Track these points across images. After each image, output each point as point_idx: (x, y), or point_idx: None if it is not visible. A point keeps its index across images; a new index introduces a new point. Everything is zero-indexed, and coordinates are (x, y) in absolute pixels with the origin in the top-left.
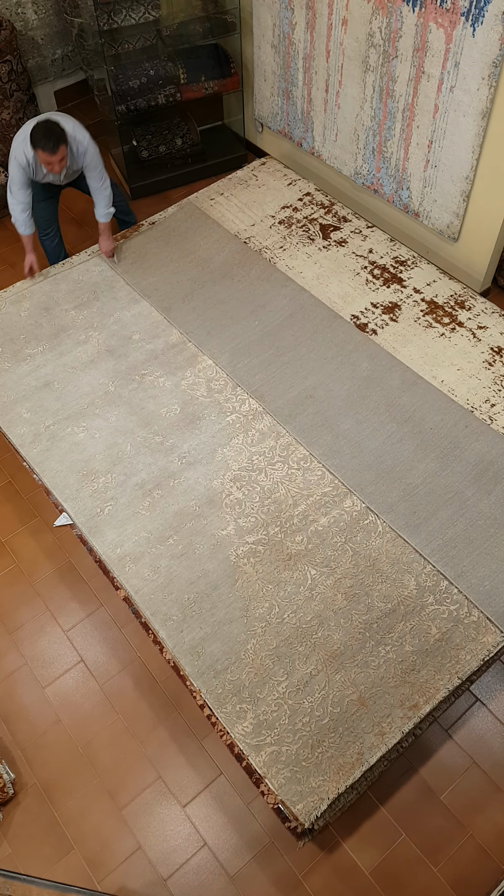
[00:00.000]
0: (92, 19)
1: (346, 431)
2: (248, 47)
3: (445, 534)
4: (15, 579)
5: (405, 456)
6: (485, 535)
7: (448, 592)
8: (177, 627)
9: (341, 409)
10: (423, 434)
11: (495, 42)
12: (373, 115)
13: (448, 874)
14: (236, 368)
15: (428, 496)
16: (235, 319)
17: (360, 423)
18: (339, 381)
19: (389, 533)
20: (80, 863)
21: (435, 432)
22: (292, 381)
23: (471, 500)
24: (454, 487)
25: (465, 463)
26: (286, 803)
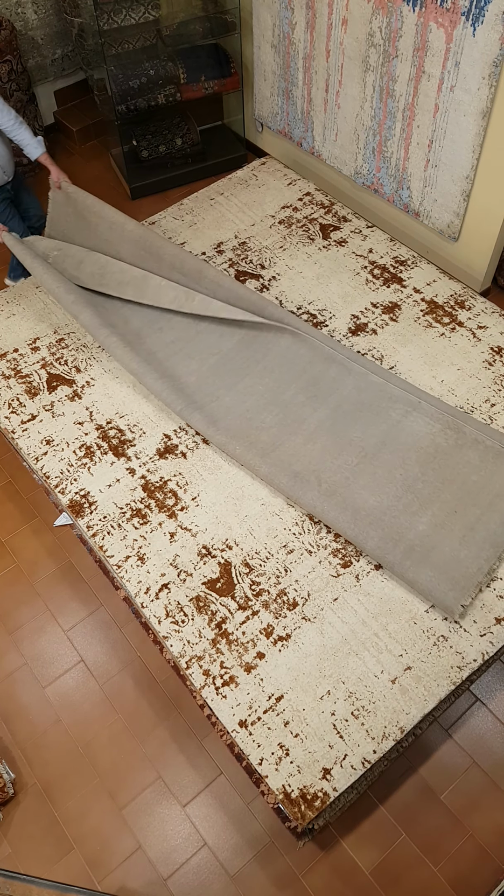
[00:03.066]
0: (92, 19)
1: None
2: (248, 47)
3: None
4: (15, 579)
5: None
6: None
7: None
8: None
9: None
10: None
11: (495, 42)
12: (373, 115)
13: (448, 874)
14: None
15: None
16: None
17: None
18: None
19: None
20: (80, 863)
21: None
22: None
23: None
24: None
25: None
26: (286, 803)
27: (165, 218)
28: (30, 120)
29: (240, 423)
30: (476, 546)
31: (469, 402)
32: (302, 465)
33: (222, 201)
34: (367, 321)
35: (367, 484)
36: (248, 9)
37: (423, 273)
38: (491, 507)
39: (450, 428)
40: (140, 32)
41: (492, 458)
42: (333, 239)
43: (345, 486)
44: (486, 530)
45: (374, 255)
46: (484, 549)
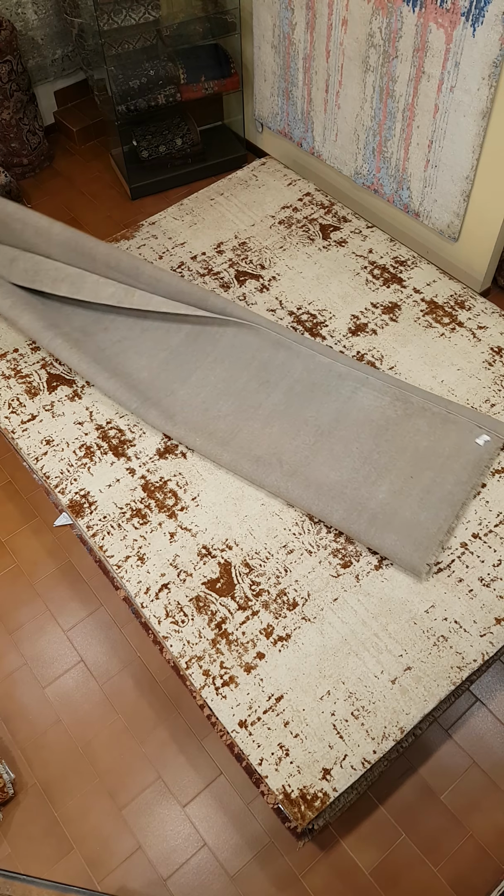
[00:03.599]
0: (92, 19)
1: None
2: (248, 47)
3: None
4: (15, 579)
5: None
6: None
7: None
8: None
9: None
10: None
11: (495, 42)
12: (373, 115)
13: (448, 874)
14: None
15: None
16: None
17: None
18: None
19: None
20: (80, 863)
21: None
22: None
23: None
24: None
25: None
26: (286, 803)
27: (165, 218)
28: (30, 120)
29: (197, 415)
30: (434, 507)
31: (469, 402)
32: (262, 449)
33: (222, 201)
34: (367, 321)
35: (326, 460)
36: (248, 9)
37: (423, 273)
38: (443, 469)
39: (398, 399)
40: (140, 32)
41: (439, 423)
42: (333, 239)
43: (305, 465)
44: (442, 491)
45: (374, 255)
46: (442, 510)
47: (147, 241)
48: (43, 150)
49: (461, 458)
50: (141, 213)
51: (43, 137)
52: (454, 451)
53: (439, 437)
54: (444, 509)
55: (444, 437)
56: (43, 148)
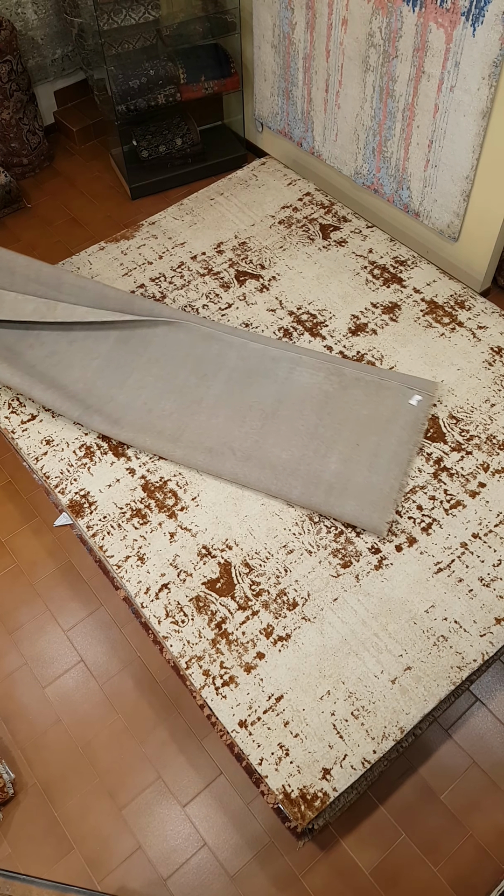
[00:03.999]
0: (92, 19)
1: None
2: (248, 47)
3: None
4: (15, 579)
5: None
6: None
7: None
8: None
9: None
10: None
11: (495, 42)
12: (373, 115)
13: (448, 874)
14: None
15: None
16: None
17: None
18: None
19: None
20: (80, 863)
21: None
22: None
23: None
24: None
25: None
26: (286, 803)
27: (165, 218)
28: (30, 120)
29: (141, 416)
30: (383, 469)
31: (469, 402)
32: (212, 440)
33: (222, 201)
34: (367, 321)
35: (275, 441)
36: (248, 9)
37: (423, 273)
38: (385, 432)
39: (332, 374)
40: (140, 32)
41: (374, 391)
42: (333, 239)
43: (257, 449)
44: (388, 453)
45: (374, 255)
46: (391, 470)
47: (147, 241)
48: (43, 150)
49: (399, 419)
50: (141, 213)
51: (43, 137)
52: (392, 415)
53: (376, 403)
54: (392, 469)
55: (381, 402)
56: (43, 148)
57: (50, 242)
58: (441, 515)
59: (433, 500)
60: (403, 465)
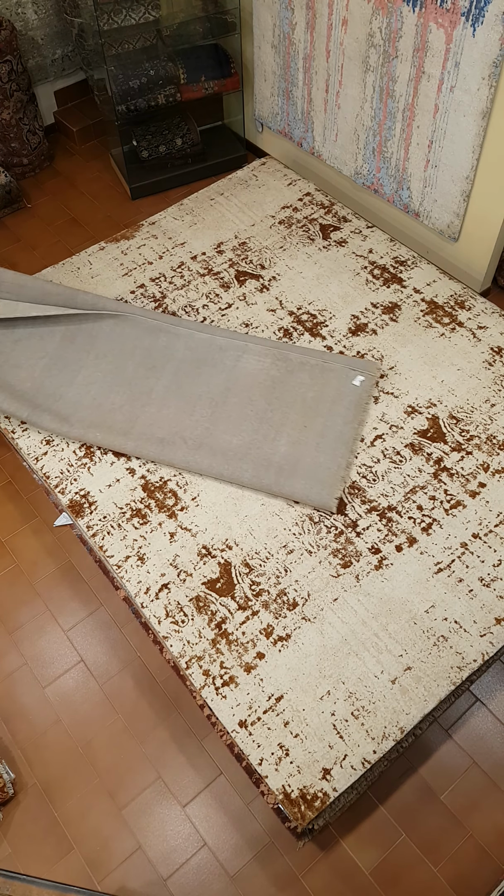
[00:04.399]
0: (92, 19)
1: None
2: (248, 47)
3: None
4: (15, 579)
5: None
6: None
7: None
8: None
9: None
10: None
11: (495, 42)
12: (373, 115)
13: (448, 874)
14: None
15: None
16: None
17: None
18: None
19: None
20: (80, 863)
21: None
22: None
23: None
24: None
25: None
26: (286, 803)
27: (165, 218)
28: (30, 120)
29: (91, 412)
30: (330, 448)
31: (469, 402)
32: (164, 430)
33: (222, 201)
34: (367, 321)
35: (226, 428)
36: (248, 9)
37: (423, 273)
38: (331, 413)
39: (278, 359)
40: (140, 32)
41: (319, 373)
42: (333, 239)
43: (208, 436)
44: (334, 432)
45: (374, 255)
46: (338, 449)
47: (147, 241)
48: (43, 150)
49: (344, 400)
50: (141, 213)
51: (43, 137)
52: (337, 396)
53: (321, 385)
54: (339, 448)
55: (326, 384)
56: (43, 148)
57: (50, 242)
58: (441, 515)
59: (433, 500)
60: (349, 444)
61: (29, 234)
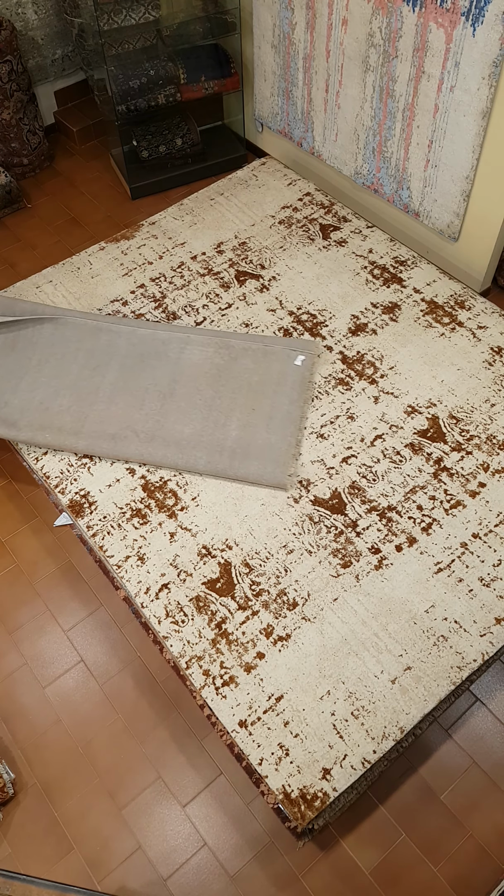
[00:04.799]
0: (92, 19)
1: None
2: (248, 47)
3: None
4: (15, 579)
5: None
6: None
7: None
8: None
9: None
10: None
11: (495, 42)
12: (373, 115)
13: (448, 874)
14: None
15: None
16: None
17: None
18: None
19: None
20: (80, 863)
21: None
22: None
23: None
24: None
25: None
26: (286, 803)
27: (165, 218)
28: (30, 120)
29: (39, 415)
30: (280, 429)
31: (469, 402)
32: (115, 427)
33: (222, 201)
34: (367, 321)
35: (177, 419)
36: (248, 9)
37: (423, 273)
38: (276, 394)
39: (221, 348)
40: (140, 32)
41: (261, 357)
42: (333, 239)
43: (160, 428)
44: (281, 413)
45: (374, 255)
46: (286, 428)
47: (147, 241)
48: (43, 150)
49: (288, 380)
50: (141, 213)
51: (43, 137)
52: (280, 377)
53: (265, 369)
54: (288, 427)
55: (269, 367)
56: (43, 148)
57: (50, 242)
58: (441, 515)
59: (433, 500)
60: (297, 422)
61: (29, 234)
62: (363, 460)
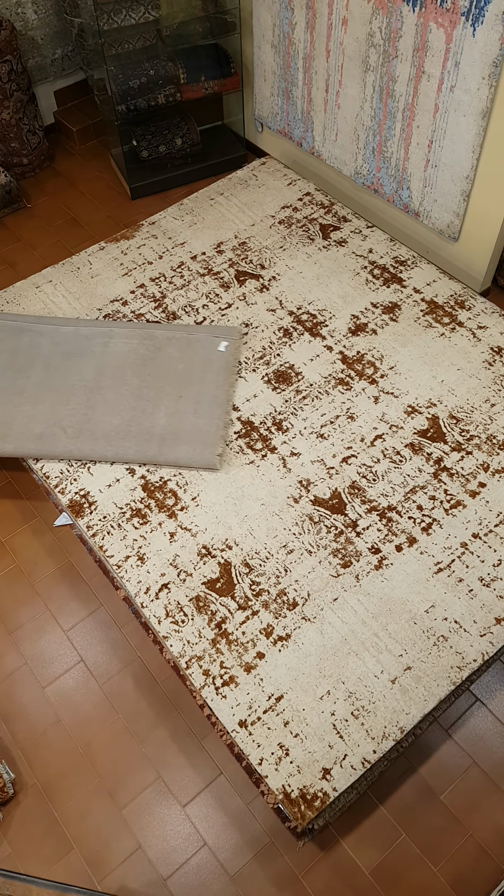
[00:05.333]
0: (92, 19)
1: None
2: (248, 47)
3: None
4: (15, 579)
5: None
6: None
7: None
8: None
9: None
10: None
11: (495, 42)
12: (373, 115)
13: (448, 874)
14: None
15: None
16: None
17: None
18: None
19: None
20: (80, 863)
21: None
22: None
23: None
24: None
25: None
26: (286, 803)
27: (165, 218)
28: (30, 120)
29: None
30: (207, 412)
31: (469, 402)
32: (41, 426)
33: (222, 201)
34: (367, 321)
35: (104, 411)
36: (248, 9)
37: (423, 273)
38: (202, 380)
39: (145, 339)
40: (140, 32)
41: (185, 345)
42: (333, 239)
43: (87, 422)
44: (208, 397)
45: (374, 255)
46: (213, 411)
47: (147, 241)
48: (43, 150)
49: (213, 366)
50: (141, 213)
51: (43, 137)
52: (205, 364)
53: (190, 356)
54: (215, 410)
55: (194, 355)
56: (43, 148)
57: (50, 242)
58: (441, 515)
59: (433, 500)
60: (224, 405)
61: (29, 234)
62: (363, 460)
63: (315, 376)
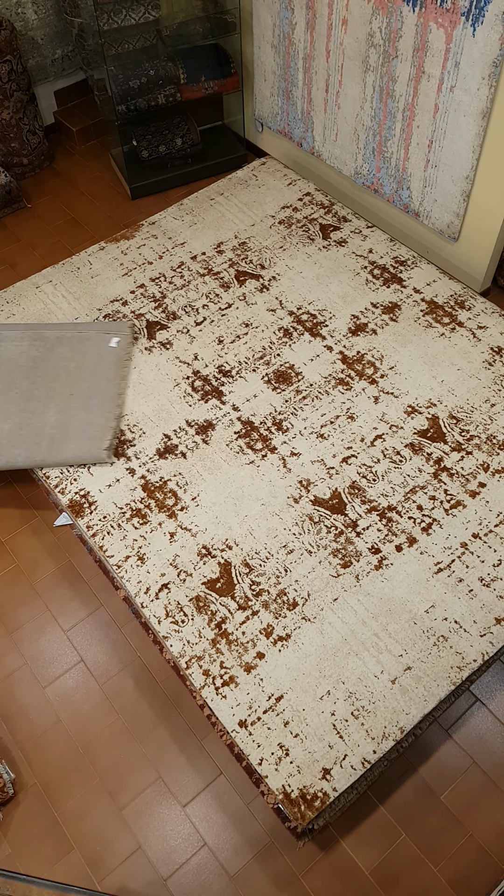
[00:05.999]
0: (92, 19)
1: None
2: (248, 47)
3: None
4: (15, 579)
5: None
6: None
7: None
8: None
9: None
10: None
11: (495, 42)
12: (373, 115)
13: (448, 874)
14: None
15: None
16: None
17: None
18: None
19: None
20: (80, 863)
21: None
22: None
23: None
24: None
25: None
26: (286, 803)
27: (165, 218)
28: (30, 120)
29: None
30: (98, 407)
31: (469, 402)
32: None
33: (222, 201)
34: (367, 321)
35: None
36: (248, 9)
37: (423, 273)
38: (94, 376)
39: (35, 340)
40: (140, 32)
41: (77, 344)
42: (333, 239)
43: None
44: (100, 392)
45: (374, 255)
46: (105, 405)
47: (147, 241)
48: (43, 150)
49: (104, 362)
50: (141, 213)
51: (43, 137)
52: (97, 360)
53: (82, 355)
54: (106, 404)
55: (85, 352)
56: (43, 148)
57: (50, 242)
58: (441, 515)
59: (433, 500)
60: (115, 398)
61: (29, 234)
62: (363, 460)
63: (315, 376)
